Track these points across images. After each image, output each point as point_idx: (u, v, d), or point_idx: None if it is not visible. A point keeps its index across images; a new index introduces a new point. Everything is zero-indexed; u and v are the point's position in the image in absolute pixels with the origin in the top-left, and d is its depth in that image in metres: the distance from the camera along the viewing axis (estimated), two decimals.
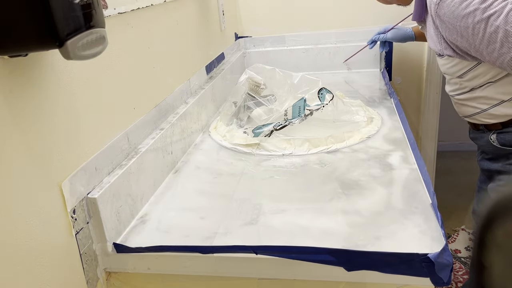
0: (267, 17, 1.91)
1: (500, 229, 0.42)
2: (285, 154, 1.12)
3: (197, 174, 1.07)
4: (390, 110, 1.35)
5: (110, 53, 0.85)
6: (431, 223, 0.77)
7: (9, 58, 0.59)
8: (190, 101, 1.23)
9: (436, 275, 0.67)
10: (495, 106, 1.16)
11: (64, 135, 0.72)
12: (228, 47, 1.75)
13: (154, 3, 1.05)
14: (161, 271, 0.81)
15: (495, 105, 1.16)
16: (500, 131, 1.20)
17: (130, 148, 0.92)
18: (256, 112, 1.30)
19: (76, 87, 0.75)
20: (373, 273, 0.71)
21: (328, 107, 1.22)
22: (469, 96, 1.21)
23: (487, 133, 1.24)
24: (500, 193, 0.43)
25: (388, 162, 1.01)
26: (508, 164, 1.22)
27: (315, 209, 0.86)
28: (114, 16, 0.87)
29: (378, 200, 0.87)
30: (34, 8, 0.51)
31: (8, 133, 0.60)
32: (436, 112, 1.95)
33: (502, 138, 1.20)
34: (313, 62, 1.90)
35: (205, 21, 1.46)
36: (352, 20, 1.84)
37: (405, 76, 1.90)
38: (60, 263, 0.70)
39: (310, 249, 0.72)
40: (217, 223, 0.84)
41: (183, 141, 1.16)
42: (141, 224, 0.87)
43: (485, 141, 1.25)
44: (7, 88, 0.60)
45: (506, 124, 1.18)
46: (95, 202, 0.76)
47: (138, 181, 0.90)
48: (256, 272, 0.78)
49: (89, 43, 0.57)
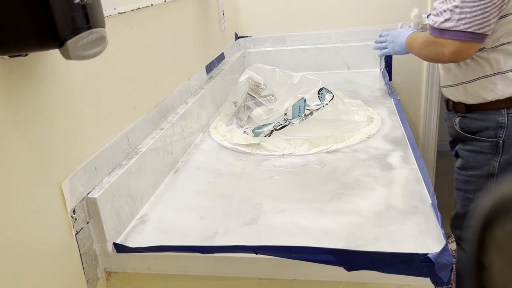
0: (267, 17, 1.90)
1: (500, 229, 0.42)
2: (285, 154, 1.12)
3: (197, 174, 1.07)
4: (390, 110, 1.35)
5: (110, 53, 0.85)
6: (431, 223, 0.77)
7: (9, 58, 0.59)
8: (190, 101, 1.23)
9: (436, 275, 0.67)
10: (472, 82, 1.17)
11: (64, 135, 0.72)
12: (228, 47, 1.75)
13: (154, 3, 1.05)
14: (161, 271, 0.81)
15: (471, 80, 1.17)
16: (463, 115, 1.22)
17: (130, 148, 0.92)
18: (256, 112, 1.30)
19: (76, 87, 0.75)
20: (373, 273, 0.71)
21: (328, 107, 1.22)
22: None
23: (453, 114, 1.27)
24: (500, 193, 0.43)
25: (388, 162, 1.02)
26: (464, 150, 1.25)
27: (315, 209, 0.86)
28: (114, 16, 0.87)
29: (378, 200, 0.87)
30: (34, 8, 0.51)
31: (8, 133, 0.60)
32: (436, 112, 1.95)
33: (463, 123, 1.22)
34: (313, 62, 1.90)
35: (205, 21, 1.46)
36: (352, 20, 1.84)
37: (405, 76, 1.90)
38: (60, 263, 0.70)
39: (310, 249, 0.72)
40: (217, 223, 0.84)
41: (183, 141, 1.16)
42: (141, 224, 0.87)
43: (451, 123, 1.28)
44: (7, 88, 0.60)
45: (470, 109, 1.20)
46: (95, 202, 0.76)
47: (138, 181, 0.90)
48: (256, 272, 0.78)
49: (89, 43, 0.57)
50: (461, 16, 1.03)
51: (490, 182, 1.21)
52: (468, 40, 1.05)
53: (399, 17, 1.79)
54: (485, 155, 1.19)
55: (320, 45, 1.88)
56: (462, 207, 1.32)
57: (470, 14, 1.02)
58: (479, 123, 1.18)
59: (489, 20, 1.03)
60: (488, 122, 1.16)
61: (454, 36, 1.06)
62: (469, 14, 1.02)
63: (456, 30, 1.05)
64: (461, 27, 1.04)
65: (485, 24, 1.03)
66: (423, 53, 1.23)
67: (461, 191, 1.30)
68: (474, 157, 1.23)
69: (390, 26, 1.80)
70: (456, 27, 1.04)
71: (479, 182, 1.23)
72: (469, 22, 1.03)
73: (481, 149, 1.20)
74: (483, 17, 1.02)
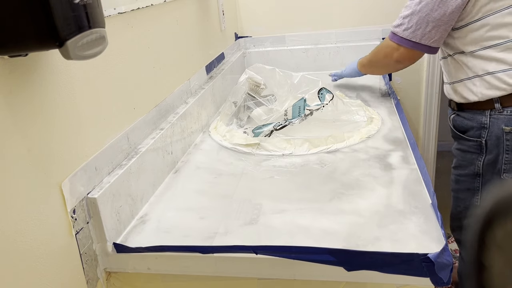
0: (267, 17, 1.90)
1: (500, 229, 0.42)
2: (285, 154, 1.12)
3: (197, 174, 1.07)
4: (390, 110, 1.35)
5: (110, 53, 0.85)
6: (431, 223, 0.77)
7: (9, 58, 0.59)
8: (190, 101, 1.23)
9: (436, 275, 0.67)
10: (457, 83, 1.23)
11: (64, 135, 0.72)
12: (228, 47, 1.75)
13: (154, 3, 1.05)
14: (161, 271, 0.81)
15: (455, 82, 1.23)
16: (456, 113, 1.26)
17: (130, 148, 0.92)
18: (256, 112, 1.30)
19: (76, 87, 0.75)
20: (373, 273, 0.71)
21: (328, 107, 1.22)
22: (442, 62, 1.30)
23: (450, 112, 1.31)
24: (500, 193, 0.43)
25: (388, 162, 1.02)
26: (456, 149, 1.29)
27: (315, 209, 0.86)
28: (114, 16, 0.87)
29: (378, 200, 0.87)
30: (34, 8, 0.51)
31: (8, 133, 0.60)
32: (436, 112, 1.95)
33: (455, 121, 1.27)
34: (313, 62, 1.90)
35: (205, 21, 1.46)
36: (352, 20, 1.84)
37: (405, 76, 1.90)
38: (60, 263, 0.70)
39: (310, 249, 0.72)
40: (217, 223, 0.84)
41: (183, 141, 1.16)
42: (141, 224, 0.87)
43: (449, 120, 1.32)
44: (7, 88, 0.60)
45: (460, 108, 1.24)
46: (95, 202, 0.76)
47: (138, 181, 0.90)
48: (256, 272, 0.78)
49: (89, 43, 0.57)
50: (408, 26, 1.17)
51: (477, 182, 1.24)
52: (411, 48, 1.19)
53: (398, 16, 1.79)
54: (472, 155, 1.23)
55: (320, 45, 1.88)
56: (455, 207, 1.34)
57: (415, 25, 1.15)
58: (466, 122, 1.22)
59: (431, 33, 1.14)
60: (473, 122, 1.20)
61: (399, 41, 1.20)
62: (414, 25, 1.15)
63: (401, 36, 1.19)
64: (406, 35, 1.18)
65: (427, 37, 1.15)
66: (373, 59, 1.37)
67: (453, 191, 1.33)
68: (463, 156, 1.26)
69: (390, 26, 1.80)
70: (403, 34, 1.19)
71: (467, 182, 1.26)
72: (413, 32, 1.16)
73: (468, 148, 1.24)
74: (425, 30, 1.14)
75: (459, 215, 1.33)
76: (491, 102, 1.15)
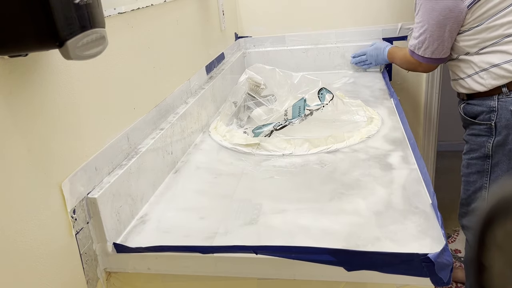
0: (267, 17, 1.90)
1: (500, 229, 0.42)
2: (285, 154, 1.12)
3: (197, 174, 1.07)
4: (390, 110, 1.35)
5: (110, 53, 0.85)
6: (431, 223, 0.77)
7: (9, 58, 0.59)
8: (190, 101, 1.23)
9: (436, 275, 0.67)
10: (461, 80, 1.37)
11: (64, 135, 0.72)
12: (228, 47, 1.75)
13: (154, 3, 1.05)
14: (161, 271, 0.81)
15: (460, 78, 1.37)
16: (466, 101, 1.39)
17: (130, 148, 0.92)
18: (256, 112, 1.30)
19: (76, 87, 0.75)
20: (373, 273, 0.71)
21: (328, 107, 1.22)
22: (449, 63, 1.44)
23: (460, 101, 1.44)
24: (500, 193, 0.43)
25: (388, 162, 1.02)
26: (468, 135, 1.40)
27: (315, 209, 0.86)
28: (114, 16, 0.87)
29: (378, 200, 0.87)
30: (34, 8, 0.51)
31: (8, 133, 0.60)
32: (436, 112, 1.95)
33: (466, 109, 1.39)
34: (313, 62, 1.90)
35: (205, 21, 1.46)
36: (352, 20, 1.84)
37: (405, 76, 1.90)
38: (60, 263, 0.70)
39: (310, 249, 0.72)
40: (217, 223, 0.84)
41: (183, 141, 1.16)
42: (141, 224, 0.87)
43: (459, 109, 1.44)
44: (7, 89, 0.60)
45: (470, 97, 1.37)
46: (95, 202, 0.76)
47: (138, 181, 0.90)
48: (256, 272, 0.78)
49: (89, 43, 0.57)
50: (419, 45, 1.36)
51: (486, 164, 1.34)
52: (426, 62, 1.39)
53: (399, 17, 1.79)
54: (482, 137, 1.33)
55: (320, 45, 1.88)
56: (464, 192, 1.43)
57: (425, 45, 1.34)
58: (476, 108, 1.34)
59: (443, 46, 1.32)
60: (483, 106, 1.31)
61: (418, 58, 1.40)
62: (425, 43, 1.34)
63: (418, 54, 1.39)
64: (420, 52, 1.38)
65: (439, 51, 1.34)
66: (403, 66, 1.56)
67: (464, 176, 1.43)
68: (474, 140, 1.36)
69: (390, 26, 1.81)
70: (417, 52, 1.39)
71: (477, 165, 1.36)
72: (425, 50, 1.36)
73: (479, 132, 1.34)
74: (433, 47, 1.33)
75: (468, 199, 1.42)
76: (498, 88, 1.27)
